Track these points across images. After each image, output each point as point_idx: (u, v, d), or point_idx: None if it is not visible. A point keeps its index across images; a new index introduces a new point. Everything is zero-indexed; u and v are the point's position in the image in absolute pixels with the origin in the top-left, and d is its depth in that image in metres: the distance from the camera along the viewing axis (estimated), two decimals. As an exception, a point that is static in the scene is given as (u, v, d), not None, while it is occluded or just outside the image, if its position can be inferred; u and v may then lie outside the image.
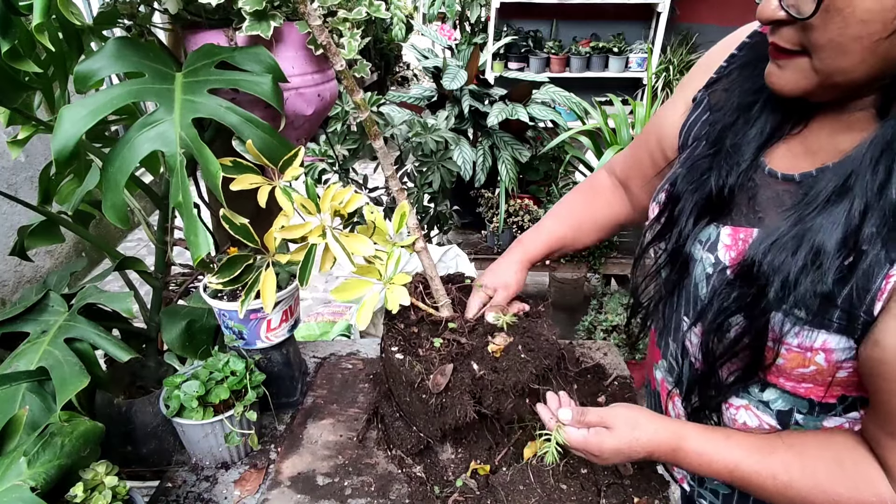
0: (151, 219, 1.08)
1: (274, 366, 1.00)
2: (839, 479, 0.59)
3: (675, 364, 0.76)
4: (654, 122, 0.84)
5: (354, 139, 2.14)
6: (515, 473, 0.83)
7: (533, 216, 2.40)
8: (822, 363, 0.58)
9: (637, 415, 0.70)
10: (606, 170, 0.99)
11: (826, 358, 0.58)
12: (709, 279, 0.67)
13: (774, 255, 0.57)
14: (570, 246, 0.97)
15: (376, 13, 0.92)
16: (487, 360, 0.84)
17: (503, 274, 0.92)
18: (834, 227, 0.54)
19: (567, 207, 0.98)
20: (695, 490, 0.81)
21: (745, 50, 0.72)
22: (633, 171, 0.92)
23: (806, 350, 0.58)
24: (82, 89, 0.79)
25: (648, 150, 0.86)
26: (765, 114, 0.65)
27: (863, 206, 0.53)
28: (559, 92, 2.47)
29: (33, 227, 1.08)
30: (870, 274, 0.52)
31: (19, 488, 0.63)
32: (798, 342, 0.58)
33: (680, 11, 4.39)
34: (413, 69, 6.46)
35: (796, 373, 0.61)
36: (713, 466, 0.66)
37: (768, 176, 0.64)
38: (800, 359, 0.59)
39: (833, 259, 0.53)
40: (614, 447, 0.69)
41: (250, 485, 0.90)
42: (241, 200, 0.86)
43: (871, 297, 0.52)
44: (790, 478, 0.61)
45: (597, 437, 0.70)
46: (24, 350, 0.85)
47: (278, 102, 0.84)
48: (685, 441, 0.67)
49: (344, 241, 0.80)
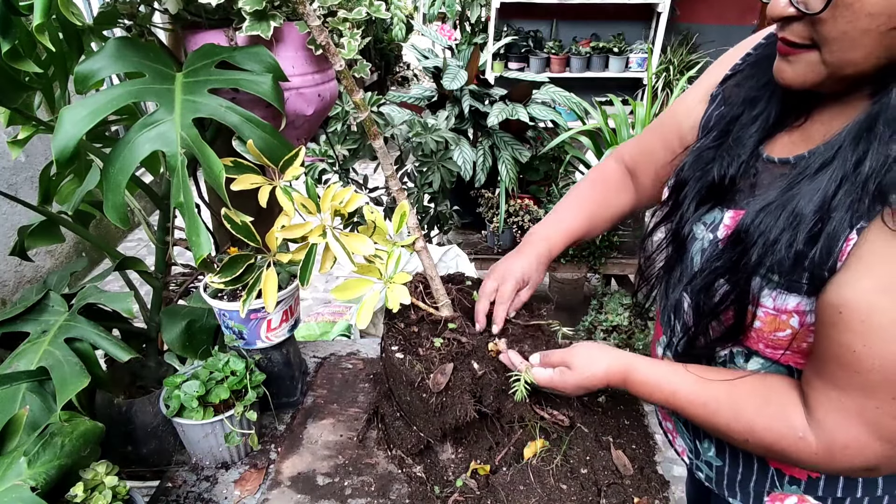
0: (152, 219, 1.08)
1: (274, 366, 1.00)
2: (761, 412, 0.65)
3: (675, 338, 0.79)
4: (672, 112, 0.87)
5: (354, 139, 2.14)
6: (515, 473, 0.83)
7: (533, 216, 2.40)
8: (796, 325, 0.63)
9: (593, 351, 0.78)
10: (615, 157, 1.00)
11: (800, 321, 0.62)
12: (703, 253, 0.72)
13: (761, 219, 0.62)
14: (586, 237, 0.98)
15: (376, 13, 0.92)
16: (488, 360, 0.84)
17: (524, 266, 0.90)
18: (813, 194, 0.59)
19: (581, 198, 0.99)
20: (693, 462, 0.86)
21: (760, 50, 0.75)
22: (643, 158, 0.94)
23: (780, 312, 0.63)
24: (82, 89, 0.79)
25: (663, 139, 0.88)
26: (768, 108, 0.69)
27: (839, 178, 0.57)
28: (559, 92, 2.47)
29: (33, 227, 1.08)
30: (833, 237, 0.56)
31: (19, 488, 0.63)
32: (773, 305, 0.63)
33: (680, 11, 4.40)
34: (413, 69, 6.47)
35: (773, 337, 0.65)
36: (656, 394, 0.73)
37: (767, 162, 0.68)
38: (775, 322, 0.64)
39: (808, 223, 0.58)
40: (575, 382, 0.77)
41: (250, 485, 0.90)
42: (242, 200, 0.86)
43: (834, 259, 0.57)
44: (717, 407, 0.68)
45: (560, 376, 0.78)
46: (24, 350, 0.85)
47: (279, 102, 0.84)
48: (634, 370, 0.74)
49: (344, 240, 0.80)
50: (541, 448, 0.86)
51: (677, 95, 2.46)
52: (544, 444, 0.87)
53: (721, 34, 4.59)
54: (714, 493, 0.84)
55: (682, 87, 2.53)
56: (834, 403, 0.60)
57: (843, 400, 0.59)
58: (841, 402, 0.59)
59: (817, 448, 0.61)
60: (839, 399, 0.59)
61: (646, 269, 0.84)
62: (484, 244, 2.58)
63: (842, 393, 0.59)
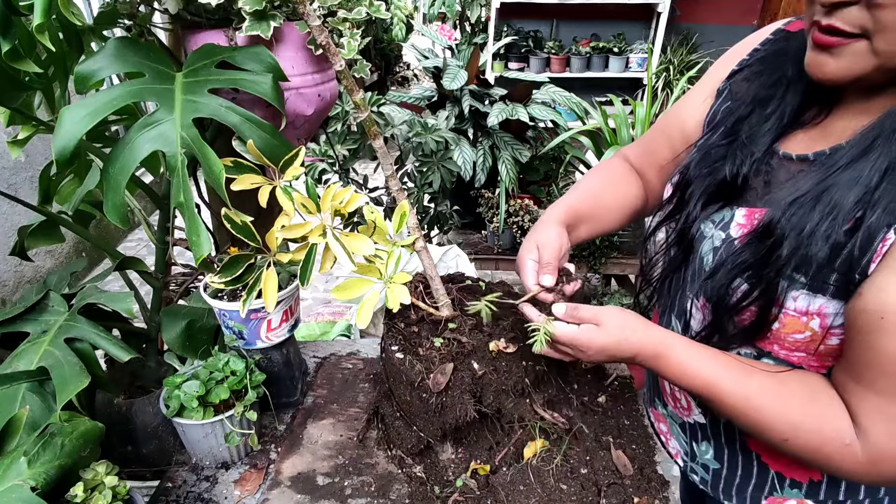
0: (152, 219, 1.08)
1: (274, 366, 1.00)
2: (809, 410, 0.61)
3: None
4: (676, 111, 0.86)
5: (354, 139, 2.15)
6: (515, 473, 0.83)
7: (533, 216, 2.40)
8: (817, 328, 0.60)
9: (629, 317, 0.71)
10: (619, 157, 0.97)
11: (821, 323, 0.60)
12: (716, 252, 0.69)
13: (794, 211, 0.59)
14: (592, 216, 0.89)
15: (376, 13, 0.92)
16: (488, 360, 0.84)
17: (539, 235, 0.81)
18: (853, 183, 0.56)
19: (582, 182, 0.94)
20: (687, 465, 0.84)
21: (768, 45, 0.73)
22: (648, 159, 0.92)
23: (802, 314, 0.60)
24: (82, 89, 0.79)
25: (668, 138, 0.86)
26: (782, 106, 0.67)
27: (884, 167, 0.54)
28: (559, 92, 2.47)
29: (33, 227, 1.08)
30: (873, 232, 0.53)
31: (19, 488, 0.63)
32: (795, 306, 0.60)
33: (680, 11, 4.40)
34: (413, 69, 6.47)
35: (790, 339, 0.63)
36: (694, 380, 0.66)
37: (783, 159, 0.66)
38: (797, 323, 0.61)
39: (846, 213, 0.55)
40: (602, 344, 0.69)
41: (250, 485, 0.90)
42: (242, 200, 0.86)
43: (867, 260, 0.54)
44: (762, 402, 0.63)
45: (587, 333, 0.70)
46: (24, 350, 0.86)
47: (279, 102, 0.84)
48: (672, 349, 0.67)
49: (344, 240, 0.81)
50: (541, 448, 0.86)
51: (677, 95, 2.47)
52: (544, 444, 0.87)
53: (721, 34, 4.59)
54: (709, 496, 0.82)
55: (683, 87, 2.53)
56: (880, 413, 0.56)
57: (889, 409, 0.56)
58: (888, 411, 0.56)
59: (862, 458, 0.58)
60: (886, 408, 0.56)
61: (648, 271, 0.82)
62: (484, 244, 2.58)
63: (888, 401, 0.56)
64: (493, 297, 0.87)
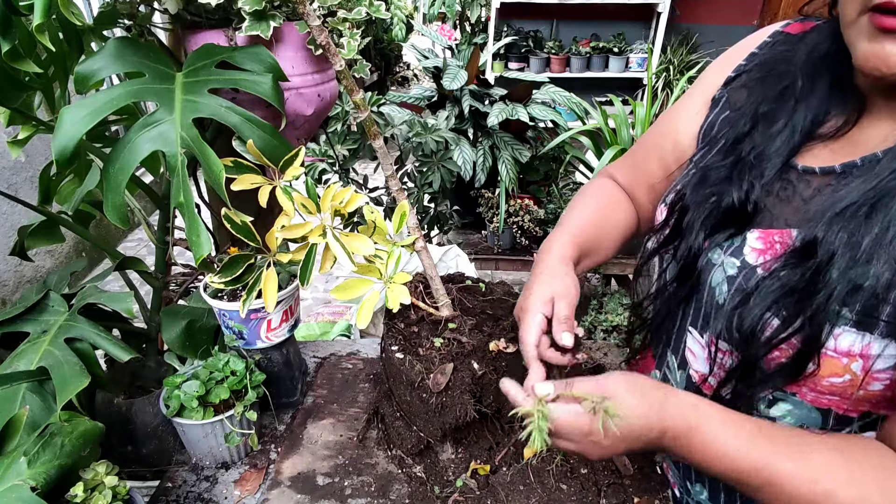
0: (152, 219, 1.08)
1: (274, 366, 1.00)
2: (888, 488, 0.49)
3: (669, 374, 0.73)
4: (666, 124, 0.77)
5: (354, 139, 2.15)
6: (515, 473, 0.83)
7: (533, 216, 2.40)
8: (858, 371, 0.51)
9: (645, 385, 0.55)
10: (606, 177, 0.89)
11: (863, 366, 0.51)
12: (731, 281, 0.60)
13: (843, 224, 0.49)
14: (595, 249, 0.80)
15: (376, 13, 0.92)
16: (488, 360, 0.84)
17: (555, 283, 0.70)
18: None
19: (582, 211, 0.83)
20: (684, 498, 0.79)
21: (766, 49, 0.67)
22: (638, 178, 0.84)
23: (843, 355, 0.51)
24: (82, 89, 0.79)
25: (659, 154, 0.79)
26: (792, 122, 0.60)
27: None
28: (559, 92, 2.47)
29: (33, 227, 1.08)
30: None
31: (19, 488, 0.63)
32: (836, 346, 0.51)
33: (680, 11, 4.40)
34: (413, 69, 6.47)
35: (826, 383, 0.54)
36: (736, 463, 0.52)
37: (803, 174, 0.58)
38: (835, 366, 0.52)
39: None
40: (620, 435, 0.52)
41: (250, 485, 0.90)
42: (242, 200, 0.86)
43: None
44: (834, 485, 0.50)
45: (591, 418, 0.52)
46: (24, 350, 0.85)
47: (279, 102, 0.84)
48: (701, 429, 0.53)
49: (344, 240, 0.81)
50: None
51: (677, 95, 2.46)
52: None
53: (721, 34, 4.59)
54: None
55: (682, 87, 2.53)
56: None
57: None
58: None
59: None
60: None
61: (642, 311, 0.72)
62: (484, 244, 2.59)
63: None
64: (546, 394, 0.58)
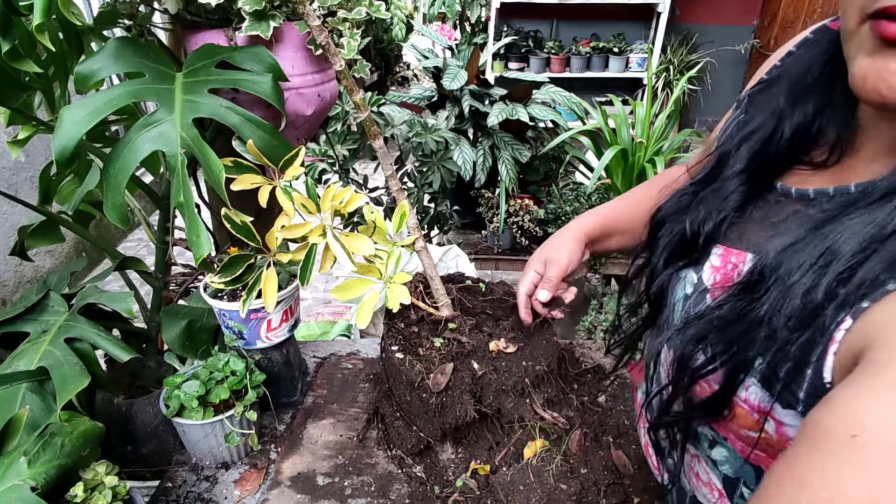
0: (151, 219, 1.08)
1: (274, 366, 1.00)
2: None
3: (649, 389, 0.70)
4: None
5: (354, 139, 2.15)
6: (515, 473, 0.83)
7: (533, 216, 2.40)
8: (773, 434, 0.46)
9: None
10: (684, 168, 0.85)
11: (776, 429, 0.45)
12: (685, 300, 0.56)
13: (784, 258, 0.45)
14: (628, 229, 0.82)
15: (376, 13, 0.92)
16: (488, 360, 0.84)
17: (553, 250, 0.83)
18: (863, 227, 0.41)
19: (632, 192, 0.86)
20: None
21: (803, 48, 0.58)
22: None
23: (754, 410, 0.46)
24: (82, 89, 0.79)
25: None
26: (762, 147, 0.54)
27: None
28: (559, 92, 2.47)
29: (33, 227, 1.08)
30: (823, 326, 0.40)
31: (19, 488, 0.63)
32: (747, 397, 0.46)
33: (680, 11, 4.40)
34: (413, 69, 6.47)
35: (743, 433, 0.50)
36: None
37: (781, 195, 0.53)
38: (748, 419, 0.47)
39: (841, 264, 0.41)
40: None
41: (250, 485, 0.90)
42: (242, 200, 0.86)
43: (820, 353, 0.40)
44: None
45: None
46: (24, 350, 0.85)
47: (279, 102, 0.84)
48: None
49: (344, 240, 0.81)
50: (541, 448, 0.86)
51: (677, 95, 2.47)
52: (544, 444, 0.87)
53: (721, 34, 4.59)
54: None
55: (682, 87, 2.53)
56: None
57: None
58: None
59: None
60: None
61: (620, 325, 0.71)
62: (484, 244, 2.59)
63: None
64: None
